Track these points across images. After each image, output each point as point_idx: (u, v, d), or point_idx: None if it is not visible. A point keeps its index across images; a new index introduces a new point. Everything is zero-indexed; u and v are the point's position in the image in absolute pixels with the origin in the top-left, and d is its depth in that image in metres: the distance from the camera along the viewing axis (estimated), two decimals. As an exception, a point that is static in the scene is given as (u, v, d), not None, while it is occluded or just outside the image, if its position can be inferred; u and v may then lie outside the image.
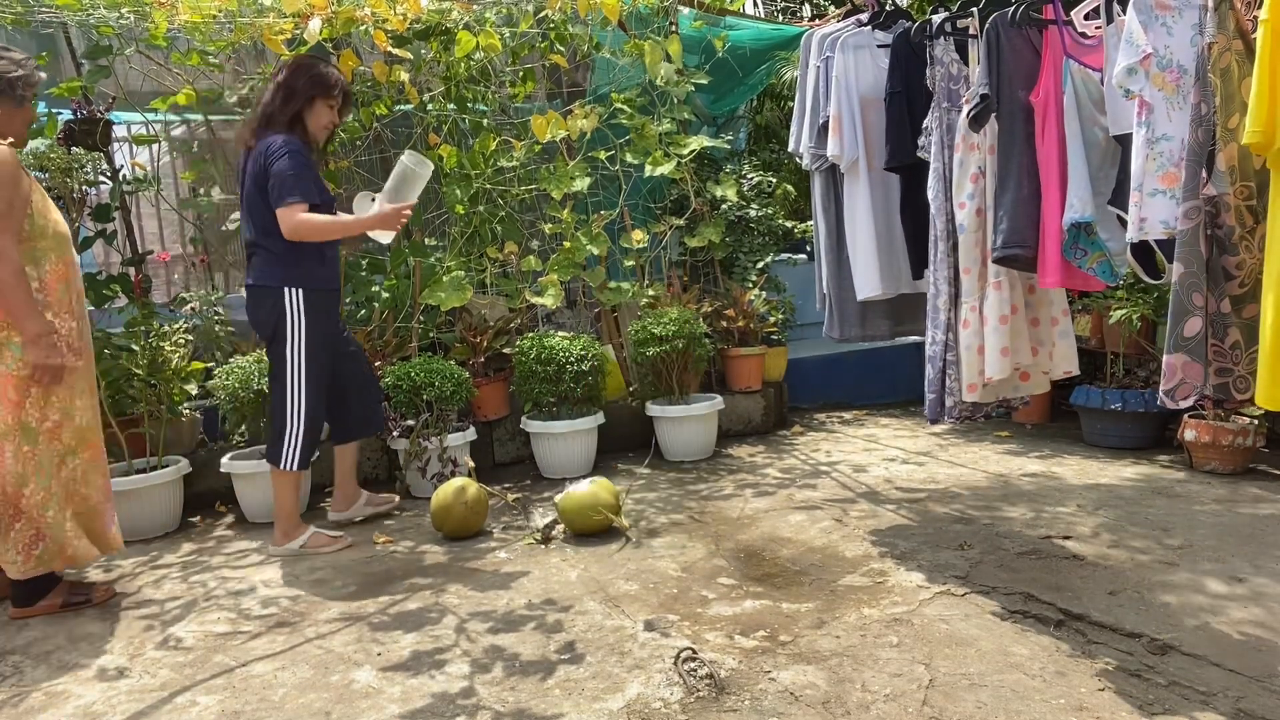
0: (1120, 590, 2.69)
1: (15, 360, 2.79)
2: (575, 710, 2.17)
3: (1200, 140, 2.27)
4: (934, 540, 3.19)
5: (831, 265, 3.69)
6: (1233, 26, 2.22)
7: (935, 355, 3.08)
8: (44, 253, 2.86)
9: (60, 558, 2.89)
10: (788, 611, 2.66)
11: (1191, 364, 2.35)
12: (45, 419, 2.85)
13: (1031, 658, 2.31)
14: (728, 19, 5.43)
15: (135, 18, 4.00)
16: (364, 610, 2.86)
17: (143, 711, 2.29)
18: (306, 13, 3.81)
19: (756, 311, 5.02)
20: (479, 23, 4.36)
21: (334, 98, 3.42)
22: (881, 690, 2.18)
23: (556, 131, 4.31)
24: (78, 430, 2.93)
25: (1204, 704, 2.06)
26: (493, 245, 4.59)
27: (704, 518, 3.59)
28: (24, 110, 2.90)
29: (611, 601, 2.81)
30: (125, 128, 4.71)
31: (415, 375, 4.00)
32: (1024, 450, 4.43)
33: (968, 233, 2.97)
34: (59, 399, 2.87)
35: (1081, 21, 2.87)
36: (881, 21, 3.44)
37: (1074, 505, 3.51)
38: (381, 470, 4.43)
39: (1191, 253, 2.31)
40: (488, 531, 3.58)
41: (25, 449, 2.82)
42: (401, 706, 2.23)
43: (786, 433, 5.04)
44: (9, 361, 2.79)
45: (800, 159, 3.77)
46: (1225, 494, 3.58)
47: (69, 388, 2.90)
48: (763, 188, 5.94)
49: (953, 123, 3.01)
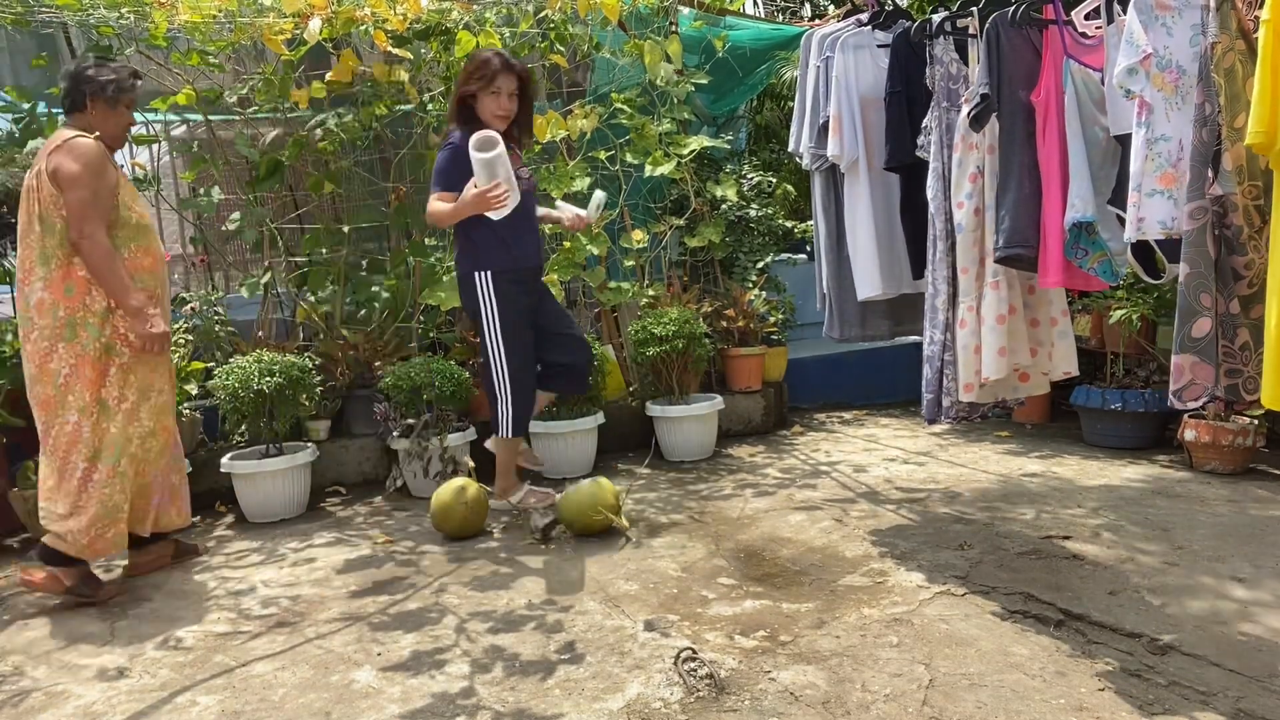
0: (1120, 590, 2.69)
1: (92, 340, 2.98)
2: (575, 710, 2.17)
3: (1205, 140, 2.26)
4: (934, 540, 3.19)
5: (831, 265, 3.69)
6: (1235, 26, 2.21)
7: (933, 355, 3.08)
8: (123, 241, 3.06)
9: (100, 541, 3.00)
10: (788, 611, 2.66)
11: (1201, 365, 2.34)
12: (124, 399, 3.03)
13: (1031, 658, 2.31)
14: (728, 19, 5.43)
15: (135, 18, 4.00)
16: (364, 610, 2.86)
17: (143, 711, 2.29)
18: (306, 13, 3.81)
19: (756, 311, 5.02)
20: (479, 23, 4.37)
21: (489, 85, 3.37)
22: (881, 690, 2.18)
23: (556, 131, 4.31)
24: (154, 410, 3.10)
25: (1204, 704, 2.06)
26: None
27: (704, 518, 3.59)
28: (118, 113, 3.13)
29: (611, 601, 2.81)
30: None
31: (415, 375, 4.00)
32: (1024, 450, 4.42)
33: (965, 232, 2.97)
34: (138, 379, 3.06)
35: (1082, 21, 2.87)
36: (881, 21, 3.44)
37: (1074, 505, 3.51)
38: (382, 470, 4.43)
39: (1198, 253, 2.30)
40: (488, 531, 3.58)
41: (102, 425, 3.00)
42: (401, 706, 2.23)
43: (786, 433, 5.04)
44: (86, 341, 2.98)
45: (800, 159, 3.77)
46: (1225, 494, 3.58)
47: (150, 369, 3.09)
48: (763, 188, 5.93)
49: (952, 122, 3.01)
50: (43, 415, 3.01)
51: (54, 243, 2.97)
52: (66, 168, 2.92)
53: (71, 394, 2.97)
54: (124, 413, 3.03)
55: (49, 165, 2.95)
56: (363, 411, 4.33)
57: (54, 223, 2.96)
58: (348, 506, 4.06)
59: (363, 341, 4.42)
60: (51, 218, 2.96)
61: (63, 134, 3.02)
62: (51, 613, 2.99)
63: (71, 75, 3.09)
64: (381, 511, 3.96)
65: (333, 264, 4.63)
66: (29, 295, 2.99)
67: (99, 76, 3.07)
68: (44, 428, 3.02)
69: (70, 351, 2.96)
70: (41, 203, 2.97)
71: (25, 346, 3.02)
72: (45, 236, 2.97)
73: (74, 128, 3.05)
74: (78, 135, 2.99)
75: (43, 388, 2.98)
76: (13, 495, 3.73)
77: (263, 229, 4.57)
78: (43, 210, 2.97)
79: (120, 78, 3.10)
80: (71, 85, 3.07)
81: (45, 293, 2.97)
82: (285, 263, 4.74)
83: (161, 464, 3.19)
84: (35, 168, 3.01)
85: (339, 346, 4.41)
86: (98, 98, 3.06)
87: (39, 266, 2.98)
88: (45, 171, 2.95)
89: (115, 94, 3.08)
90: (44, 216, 2.97)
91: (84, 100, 3.06)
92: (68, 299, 2.97)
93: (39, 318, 2.97)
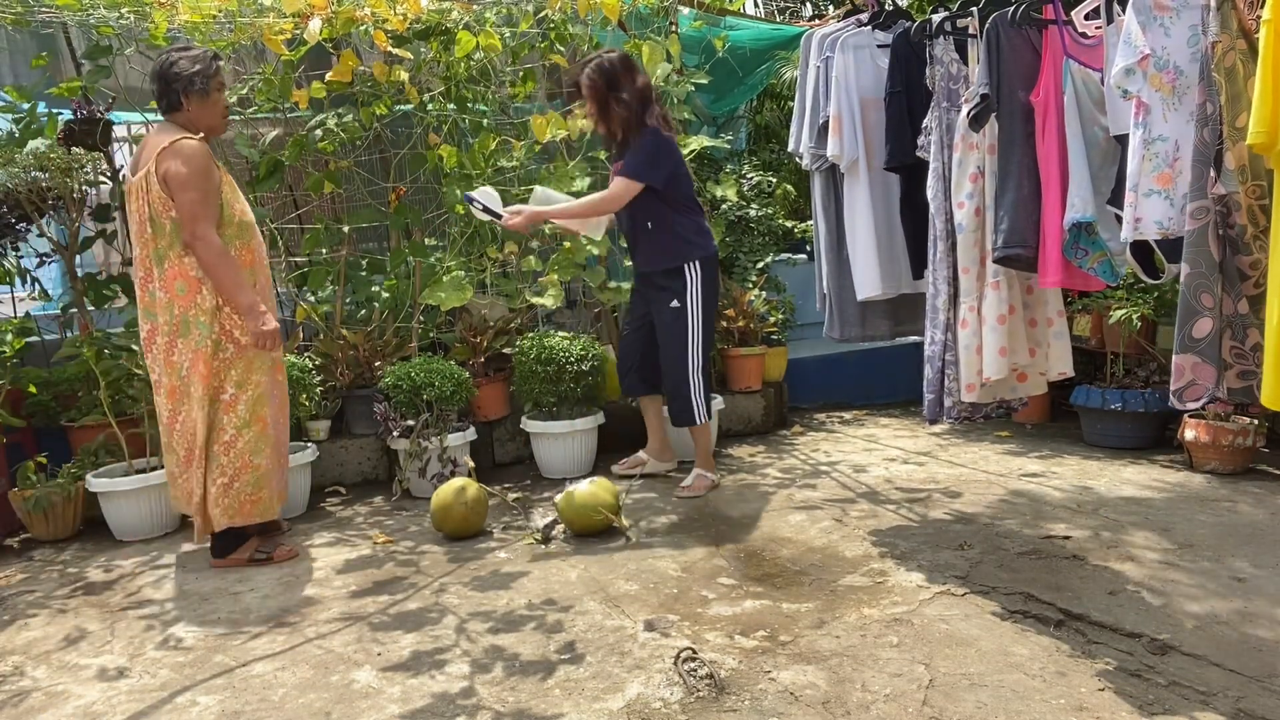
0: (1120, 590, 2.69)
1: (205, 337, 3.13)
2: (575, 710, 2.17)
3: (1206, 140, 2.26)
4: (934, 540, 3.19)
5: (832, 265, 3.69)
6: (1235, 26, 2.21)
7: (934, 355, 3.08)
8: (228, 240, 3.16)
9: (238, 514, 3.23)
10: (788, 611, 2.66)
11: (1203, 365, 2.34)
12: (224, 391, 3.20)
13: (1031, 658, 2.31)
14: (728, 19, 5.43)
15: (135, 18, 4.00)
16: (364, 610, 2.86)
17: (143, 711, 2.29)
18: (306, 13, 3.81)
19: (756, 311, 5.02)
20: (479, 23, 4.36)
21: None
22: (881, 690, 2.18)
23: (556, 131, 4.30)
24: (251, 403, 3.22)
25: (1204, 704, 2.06)
26: (493, 245, 4.58)
27: (704, 518, 3.59)
28: (213, 102, 3.18)
29: (611, 601, 2.80)
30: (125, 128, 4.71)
31: (415, 375, 3.99)
32: (1024, 450, 4.42)
33: (966, 232, 2.97)
34: (237, 374, 3.20)
35: (1081, 21, 2.87)
36: (881, 21, 3.44)
37: (1074, 505, 3.51)
38: (382, 470, 4.43)
39: (1199, 253, 2.30)
40: (488, 531, 3.58)
41: (212, 414, 3.18)
42: (401, 706, 2.23)
43: (786, 433, 5.04)
44: (199, 338, 3.13)
45: (800, 159, 3.77)
46: (1225, 494, 3.58)
47: (248, 364, 3.22)
48: (763, 188, 5.93)
49: (952, 122, 3.01)
50: (169, 404, 3.19)
51: (165, 243, 3.09)
52: (176, 170, 3.01)
53: (192, 385, 3.14)
54: (224, 404, 3.19)
55: (159, 169, 3.03)
56: (363, 411, 4.32)
57: (163, 224, 3.08)
58: (348, 506, 4.06)
59: (363, 341, 4.42)
60: (161, 219, 3.07)
61: (167, 135, 3.08)
62: (51, 613, 2.99)
63: (159, 76, 3.13)
64: (381, 511, 3.96)
65: (333, 264, 4.63)
66: (153, 293, 3.15)
67: (186, 71, 3.10)
68: (170, 416, 3.20)
69: (187, 347, 3.13)
70: (152, 204, 3.07)
71: (154, 340, 3.17)
72: (157, 238, 3.10)
73: (174, 125, 3.13)
74: (184, 137, 3.07)
75: (170, 379, 3.17)
76: (12, 495, 3.74)
77: (263, 229, 4.56)
78: (153, 212, 3.07)
79: (205, 66, 3.13)
80: (163, 86, 3.12)
81: (161, 292, 3.13)
82: (285, 262, 4.74)
83: (266, 451, 3.29)
84: (143, 169, 3.07)
85: (339, 346, 4.41)
86: (190, 92, 3.11)
87: (154, 267, 3.12)
88: (155, 174, 3.03)
89: (205, 85, 3.13)
90: (154, 218, 3.08)
91: (179, 99, 3.12)
92: (180, 297, 3.12)
93: (160, 315, 3.14)
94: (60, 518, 3.74)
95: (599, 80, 3.69)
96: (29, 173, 3.93)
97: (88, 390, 4.04)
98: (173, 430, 3.21)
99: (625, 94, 3.67)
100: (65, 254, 4.18)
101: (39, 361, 4.27)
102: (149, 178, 3.04)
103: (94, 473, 3.76)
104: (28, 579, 3.34)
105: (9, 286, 4.41)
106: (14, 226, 4.03)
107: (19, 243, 4.10)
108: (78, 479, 3.78)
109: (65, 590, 3.19)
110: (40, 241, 4.18)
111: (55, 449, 4.00)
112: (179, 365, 3.14)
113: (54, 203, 4.06)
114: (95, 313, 4.29)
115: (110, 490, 3.66)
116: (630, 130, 3.70)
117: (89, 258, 5.19)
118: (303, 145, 4.34)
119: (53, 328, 4.43)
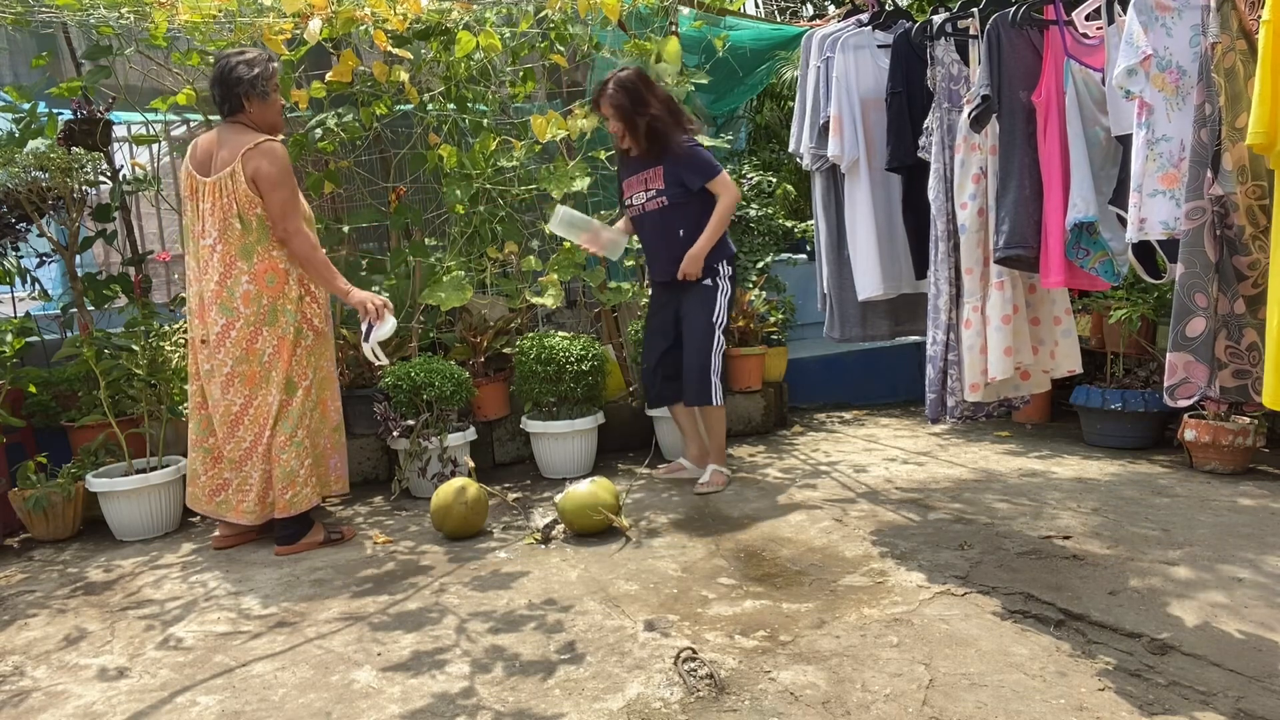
0: (1120, 590, 2.69)
1: (290, 324, 3.32)
2: (575, 710, 2.17)
3: (1204, 141, 2.26)
4: (934, 540, 3.19)
5: (832, 265, 3.69)
6: (1236, 26, 2.21)
7: (936, 355, 3.08)
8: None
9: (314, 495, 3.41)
10: (788, 611, 2.66)
11: (1195, 364, 2.35)
12: (305, 377, 3.38)
13: (1031, 658, 2.31)
14: (728, 19, 5.42)
15: (135, 18, 3.99)
16: (364, 610, 2.86)
17: (143, 711, 2.29)
18: (306, 13, 3.81)
19: (756, 311, 5.02)
20: (479, 23, 4.36)
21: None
22: (881, 690, 2.18)
23: (556, 131, 4.30)
24: (318, 385, 3.45)
25: (1204, 704, 2.06)
26: (493, 245, 4.58)
27: (704, 518, 3.59)
28: (271, 102, 3.34)
29: (612, 601, 2.81)
30: (125, 128, 4.71)
31: (415, 375, 4.00)
32: (1024, 450, 4.43)
33: (969, 233, 2.97)
34: (310, 361, 3.40)
35: (1082, 22, 2.87)
36: (882, 22, 3.44)
37: (1074, 505, 3.51)
38: (382, 470, 4.43)
39: (1194, 253, 2.30)
40: (488, 531, 3.58)
41: (284, 398, 3.33)
42: (401, 706, 2.23)
43: (786, 433, 5.04)
44: (284, 326, 3.32)
45: (800, 159, 3.77)
46: (1225, 494, 3.58)
47: (315, 353, 3.43)
48: (763, 188, 5.94)
49: (953, 123, 3.01)
50: (245, 390, 3.31)
51: (253, 239, 3.25)
52: (266, 170, 3.19)
53: (274, 370, 3.31)
54: (303, 389, 3.37)
55: (247, 168, 3.19)
56: (363, 411, 4.32)
57: (251, 220, 3.24)
58: (348, 506, 4.06)
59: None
60: (249, 216, 3.23)
61: (245, 136, 3.23)
62: (51, 613, 2.99)
63: (220, 81, 3.25)
64: (381, 511, 3.96)
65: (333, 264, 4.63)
66: (233, 288, 3.25)
67: (247, 76, 3.24)
68: (245, 401, 3.32)
69: (273, 334, 3.30)
70: (238, 203, 3.22)
71: (230, 333, 3.27)
72: (245, 234, 3.24)
73: (243, 126, 3.28)
74: (266, 139, 3.24)
75: (248, 366, 3.29)
76: (12, 495, 3.74)
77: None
78: (240, 210, 3.22)
79: (263, 69, 3.28)
80: (225, 90, 3.25)
81: (250, 285, 3.26)
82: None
83: (326, 432, 3.51)
84: (224, 169, 3.21)
85: (339, 346, 4.41)
86: (251, 95, 3.26)
87: (241, 261, 3.25)
88: (243, 174, 3.19)
89: (265, 87, 3.28)
90: (242, 215, 3.23)
91: (240, 102, 3.26)
92: (270, 288, 3.28)
93: (244, 307, 3.26)
94: (60, 518, 3.74)
95: (623, 99, 3.75)
96: (29, 173, 3.92)
97: (88, 390, 4.05)
98: (241, 421, 3.32)
99: (653, 108, 3.75)
100: (65, 254, 4.18)
101: (39, 361, 4.27)
102: (235, 177, 3.19)
103: (94, 473, 3.76)
104: (28, 579, 3.34)
105: (9, 286, 4.41)
106: (14, 226, 4.03)
107: (19, 243, 4.10)
108: (78, 479, 3.78)
109: (65, 590, 3.19)
110: (40, 241, 4.18)
111: (55, 449, 4.00)
112: (261, 352, 3.29)
113: (54, 203, 4.06)
114: (95, 313, 4.29)
115: (110, 490, 3.66)
116: (667, 138, 3.78)
117: (89, 258, 5.20)
118: (303, 145, 4.34)
119: (53, 328, 4.44)
